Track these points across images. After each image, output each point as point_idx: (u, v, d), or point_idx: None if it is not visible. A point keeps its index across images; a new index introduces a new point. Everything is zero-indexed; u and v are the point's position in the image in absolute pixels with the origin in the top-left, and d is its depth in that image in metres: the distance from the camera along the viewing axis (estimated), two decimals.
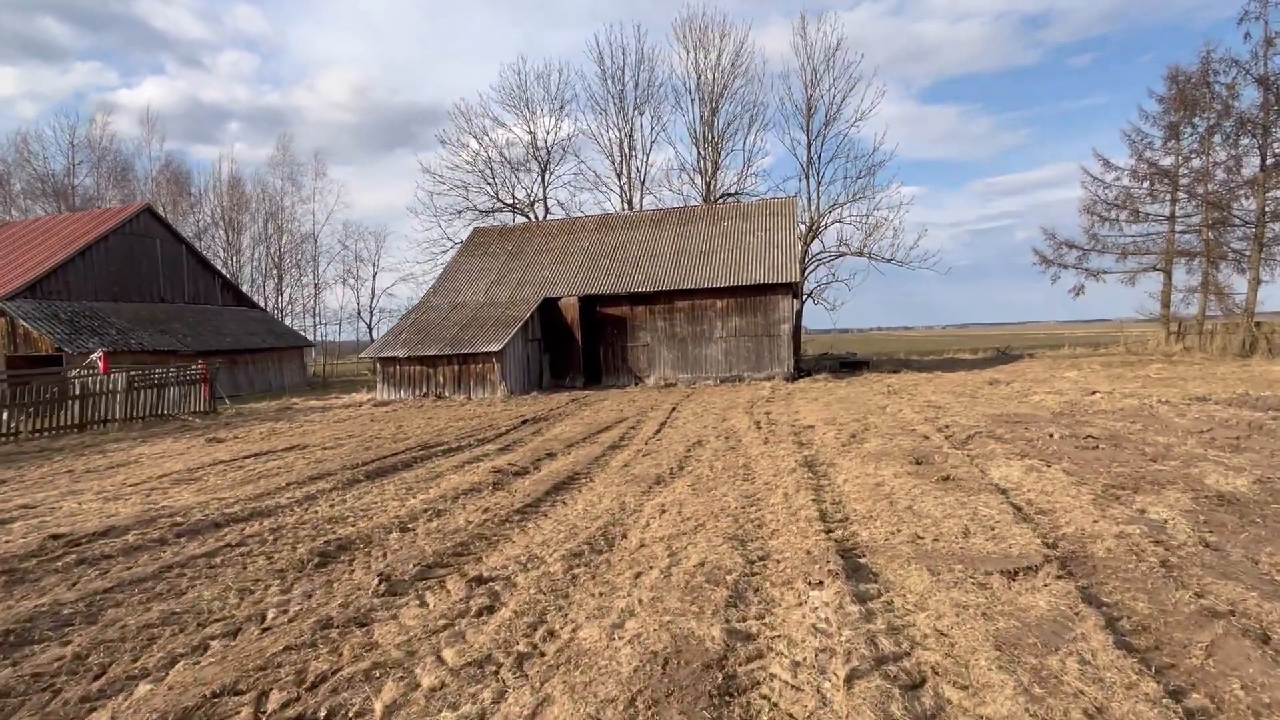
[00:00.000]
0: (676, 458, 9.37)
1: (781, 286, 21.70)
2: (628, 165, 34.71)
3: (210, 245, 40.49)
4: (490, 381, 20.63)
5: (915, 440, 9.86)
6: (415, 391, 21.35)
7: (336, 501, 7.83)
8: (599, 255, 25.07)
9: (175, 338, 24.04)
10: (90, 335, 21.52)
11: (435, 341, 21.48)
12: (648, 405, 16.84)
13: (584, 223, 27.63)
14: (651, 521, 6.25)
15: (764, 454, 9.31)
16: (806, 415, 13.34)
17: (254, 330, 27.86)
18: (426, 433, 13.26)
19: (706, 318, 22.45)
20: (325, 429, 14.71)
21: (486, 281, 25.21)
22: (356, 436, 13.23)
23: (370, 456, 10.59)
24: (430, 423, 15.02)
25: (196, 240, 40.31)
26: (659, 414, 14.82)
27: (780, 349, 21.80)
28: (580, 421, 14.20)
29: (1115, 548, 5.01)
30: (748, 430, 11.65)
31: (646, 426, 12.95)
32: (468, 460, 10.06)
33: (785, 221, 24.23)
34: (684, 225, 25.54)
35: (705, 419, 13.66)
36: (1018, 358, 28.96)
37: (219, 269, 30.74)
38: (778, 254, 22.68)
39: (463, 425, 14.27)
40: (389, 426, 14.59)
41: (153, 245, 25.70)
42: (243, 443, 13.09)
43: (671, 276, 23.00)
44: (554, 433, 12.72)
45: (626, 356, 23.18)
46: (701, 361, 22.49)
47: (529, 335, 22.39)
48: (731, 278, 22.19)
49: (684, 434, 11.72)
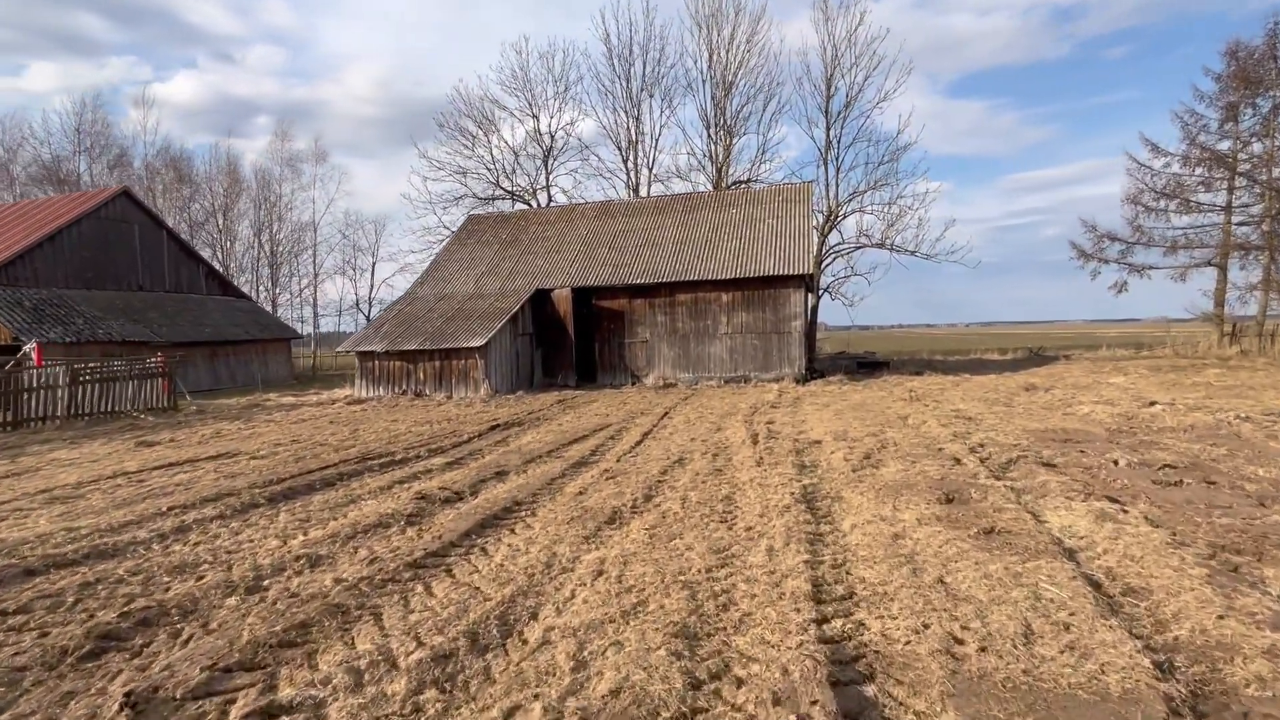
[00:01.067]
0: (646, 483, 7.63)
1: (794, 279, 19.79)
2: (634, 152, 32.88)
3: (209, 234, 39.52)
4: (473, 379, 19.05)
5: (944, 465, 8.01)
6: (395, 388, 19.85)
7: (209, 537, 6.24)
8: (597, 244, 23.34)
9: (149, 328, 22.82)
10: (55, 324, 20.34)
11: (416, 335, 19.94)
12: (638, 409, 15.11)
13: (583, 209, 25.90)
14: (578, 591, 4.53)
15: (755, 480, 7.54)
16: (814, 426, 11.51)
17: (238, 321, 26.62)
18: (378, 440, 11.68)
19: (710, 312, 20.63)
20: (275, 432, 13.22)
21: (477, 271, 23.62)
22: (300, 442, 11.70)
23: (294, 471, 9.02)
24: (391, 426, 13.46)
25: (196, 230, 39.42)
26: (646, 421, 13.08)
27: (791, 347, 19.90)
28: (556, 428, 12.52)
29: (1268, 674, 3.18)
30: (742, 445, 9.87)
31: (627, 437, 11.23)
32: (402, 479, 8.43)
33: (800, 208, 22.26)
34: (689, 212, 23.69)
35: (697, 428, 11.90)
36: (1052, 359, 26.70)
37: (207, 258, 29.58)
38: (790, 244, 20.76)
39: (424, 431, 12.68)
40: (343, 431, 13.05)
41: (130, 231, 24.51)
42: (172, 448, 11.62)
43: (673, 267, 21.20)
44: (521, 442, 11.05)
45: (624, 353, 21.45)
46: (704, 360, 20.69)
47: (519, 329, 20.76)
48: (739, 269, 20.33)
49: (666, 448, 9.97)
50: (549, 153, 34.42)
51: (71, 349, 20.01)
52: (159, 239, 25.64)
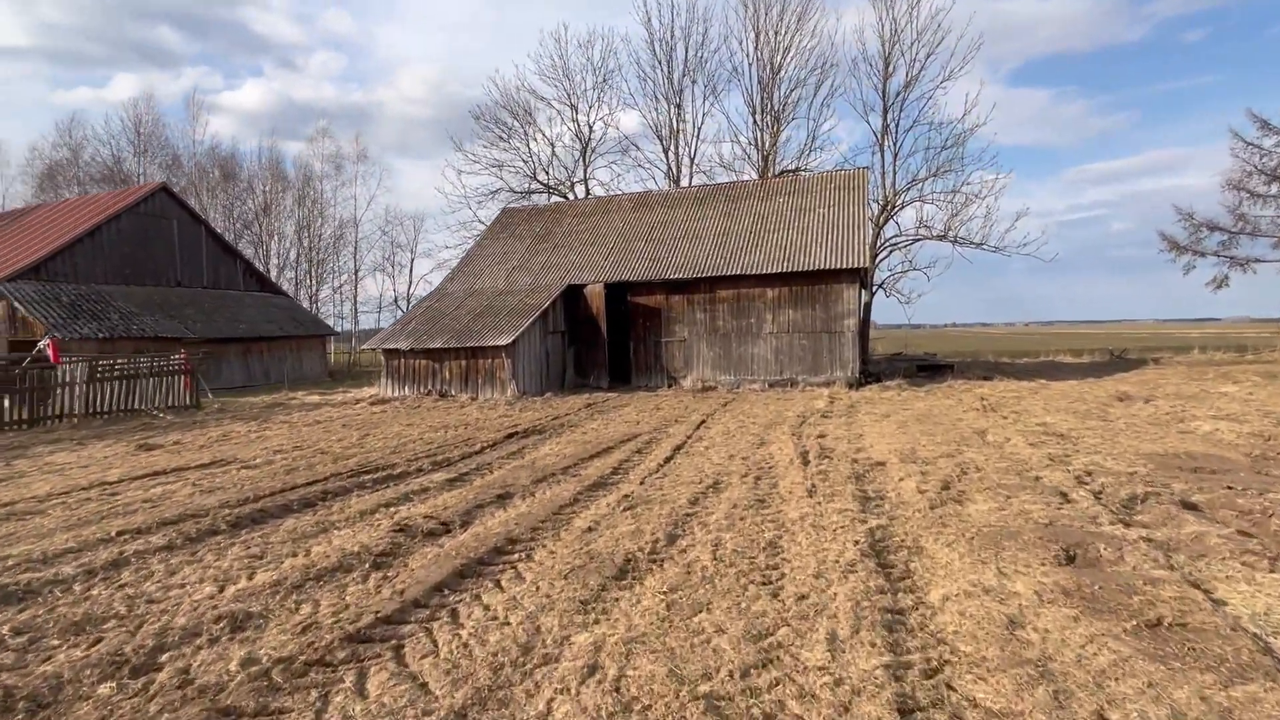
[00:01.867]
0: (671, 517, 6.25)
1: (847, 273, 18.01)
2: (675, 142, 31.39)
3: (254, 233, 39.98)
4: (499, 380, 18.00)
5: (1048, 501, 6.36)
6: (419, 388, 19.00)
7: (140, 576, 5.19)
8: (633, 237, 22.01)
9: (184, 324, 22.69)
10: (89, 320, 20.30)
11: (442, 333, 19.03)
12: (673, 415, 13.72)
13: (619, 201, 24.60)
14: (557, 704, 3.19)
15: (807, 519, 6.06)
16: (875, 443, 9.89)
17: (273, 317, 26.42)
18: (384, 448, 10.65)
19: (754, 309, 19.03)
20: (282, 436, 12.38)
21: (509, 266, 22.62)
22: (302, 449, 10.77)
23: (278, 486, 8.02)
24: (404, 431, 12.45)
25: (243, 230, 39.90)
26: (680, 431, 11.67)
27: (843, 348, 18.13)
28: (579, 438, 11.25)
29: None
30: (789, 466, 8.37)
31: (657, 451, 9.85)
32: (390, 500, 7.29)
33: (854, 196, 20.40)
34: (733, 202, 22.10)
35: (737, 442, 10.43)
36: (1139, 363, 23.99)
37: (250, 255, 29.58)
38: (844, 234, 18.96)
39: (436, 438, 11.60)
40: (352, 436, 12.10)
41: (168, 226, 24.51)
42: (170, 453, 10.86)
43: (714, 261, 19.68)
44: (536, 455, 9.82)
45: (660, 353, 20.07)
46: (747, 361, 19.11)
47: (549, 327, 19.63)
48: (786, 262, 18.66)
49: (700, 468, 8.55)
50: (587, 145, 33.30)
51: (104, 345, 19.91)
52: (197, 234, 25.62)
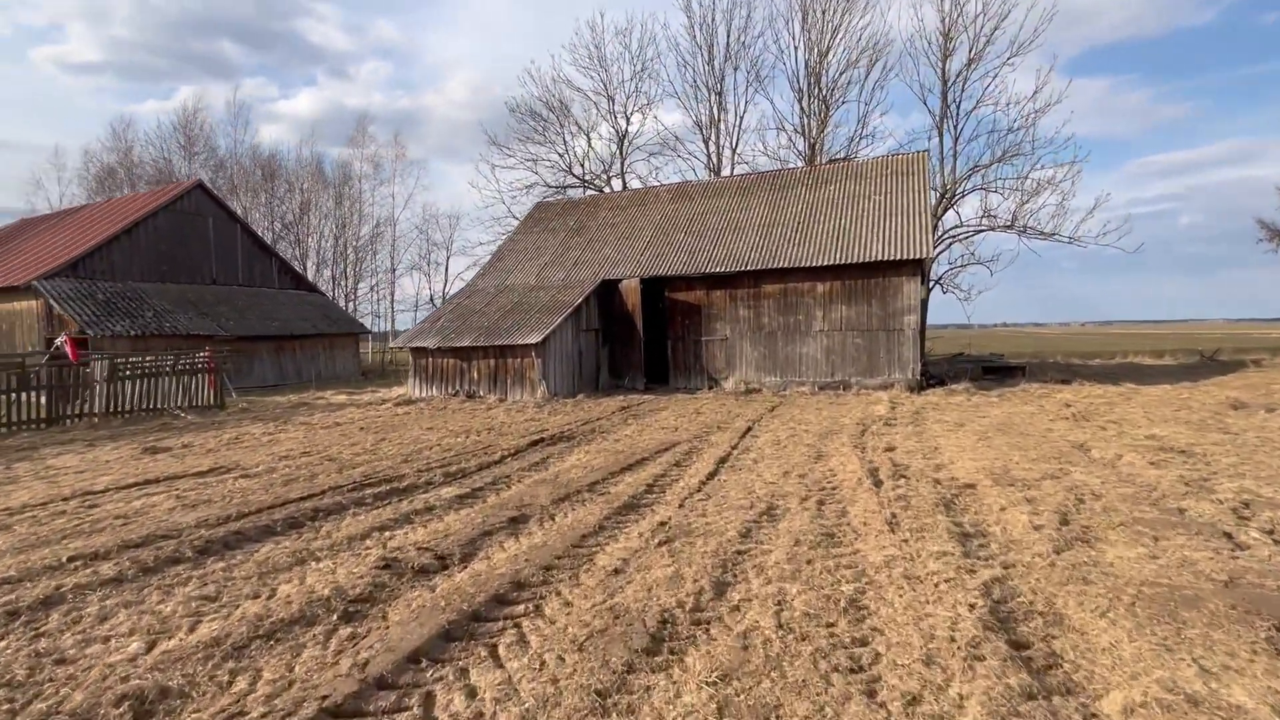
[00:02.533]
0: (718, 557, 5.00)
1: (907, 265, 16.37)
2: (716, 131, 29.98)
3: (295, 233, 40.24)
4: (529, 380, 16.99)
5: (1213, 546, 4.87)
6: (447, 388, 18.16)
7: (67, 622, 4.25)
8: (672, 229, 20.75)
9: (217, 321, 22.47)
10: (123, 317, 20.18)
11: (471, 331, 18.15)
12: (715, 421, 12.43)
13: (657, 192, 23.37)
14: None
15: (894, 565, 4.73)
16: (955, 458, 8.41)
17: (306, 315, 26.13)
18: (397, 456, 9.68)
19: (803, 305, 17.54)
20: (295, 439, 11.58)
21: (541, 262, 21.64)
22: (311, 455, 9.90)
23: (269, 500, 7.09)
24: (424, 436, 11.50)
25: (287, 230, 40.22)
26: (724, 439, 10.38)
27: (903, 348, 16.49)
28: (611, 446, 10.07)
29: None
30: (858, 487, 7.00)
31: (698, 464, 8.59)
32: (386, 523, 6.24)
33: (913, 182, 18.69)
34: (778, 191, 20.62)
35: (790, 454, 9.08)
36: (1236, 365, 21.52)
37: (289, 255, 29.46)
38: (903, 223, 17.31)
39: (455, 444, 10.60)
40: (367, 440, 11.20)
41: (204, 224, 24.41)
42: (174, 458, 10.13)
43: (759, 253, 18.27)
44: (562, 467, 8.68)
45: (700, 353, 18.77)
46: (794, 362, 17.64)
47: (581, 324, 18.55)
48: (838, 254, 17.13)
49: (749, 487, 7.26)
50: (624, 137, 32.18)
51: (137, 342, 19.73)
52: (232, 232, 25.50)
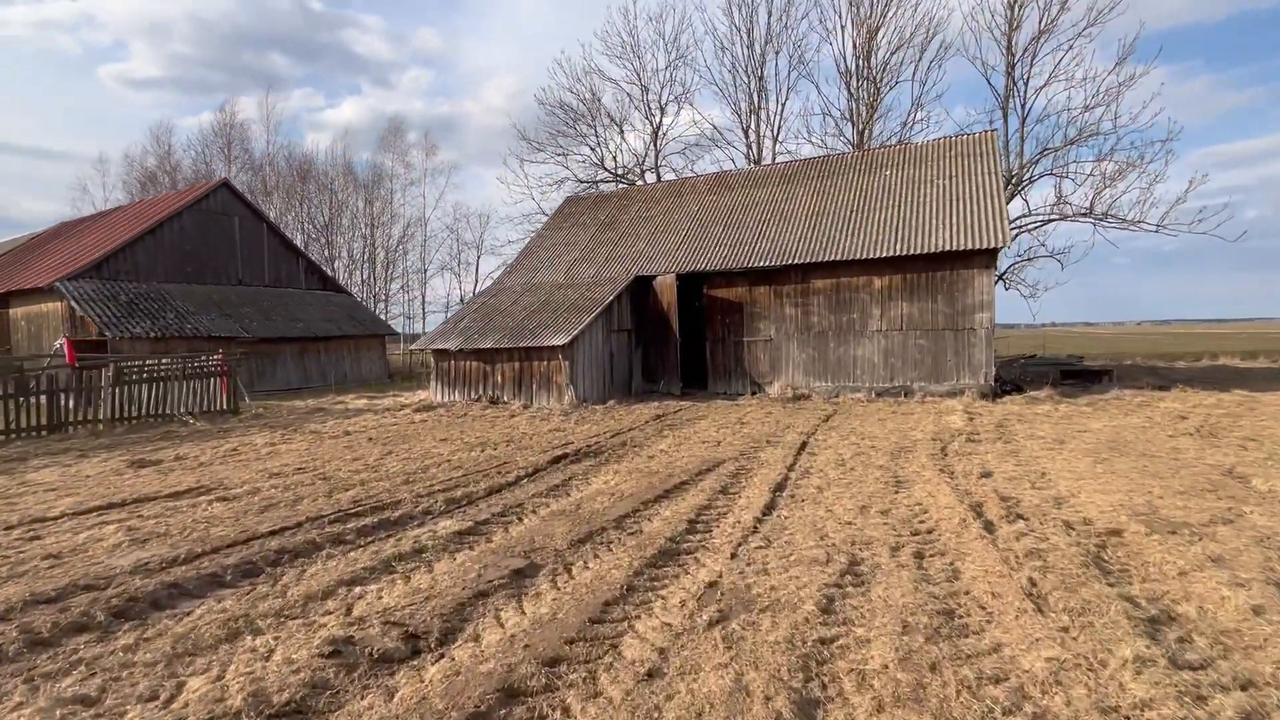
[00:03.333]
0: (798, 652, 3.51)
1: (979, 255, 14.51)
2: (756, 120, 28.31)
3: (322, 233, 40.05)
4: (556, 385, 15.69)
5: None
6: (469, 393, 17.01)
7: None
8: (710, 221, 19.23)
9: (240, 323, 21.88)
10: (144, 318, 19.67)
11: (494, 331, 16.96)
12: (762, 433, 10.88)
13: (694, 183, 21.87)
14: None
15: (1064, 677, 3.17)
16: (1073, 486, 6.71)
17: (332, 316, 25.47)
18: (399, 474, 8.45)
19: (857, 302, 15.82)
20: (296, 452, 10.49)
21: (570, 258, 20.38)
22: (305, 472, 8.76)
23: (233, 535, 5.89)
24: (434, 449, 10.28)
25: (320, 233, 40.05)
26: (776, 457, 8.84)
27: (974, 349, 14.63)
28: (643, 466, 8.65)
29: None
30: (962, 530, 5.42)
31: (749, 493, 7.09)
32: (357, 574, 4.95)
33: (982, 164, 16.77)
34: (827, 179, 18.90)
35: (862, 480, 7.50)
36: None
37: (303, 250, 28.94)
38: (972, 209, 15.43)
39: (468, 459, 9.33)
40: (372, 454, 10.02)
41: (230, 224, 23.93)
42: (158, 473, 9.11)
43: (807, 245, 16.60)
44: (585, 493, 7.29)
45: (741, 355, 17.20)
46: (847, 365, 15.92)
47: (612, 325, 17.18)
48: (898, 244, 15.35)
49: (820, 527, 5.74)
50: (658, 129, 30.78)
51: (157, 344, 19.18)
52: (259, 232, 24.99)
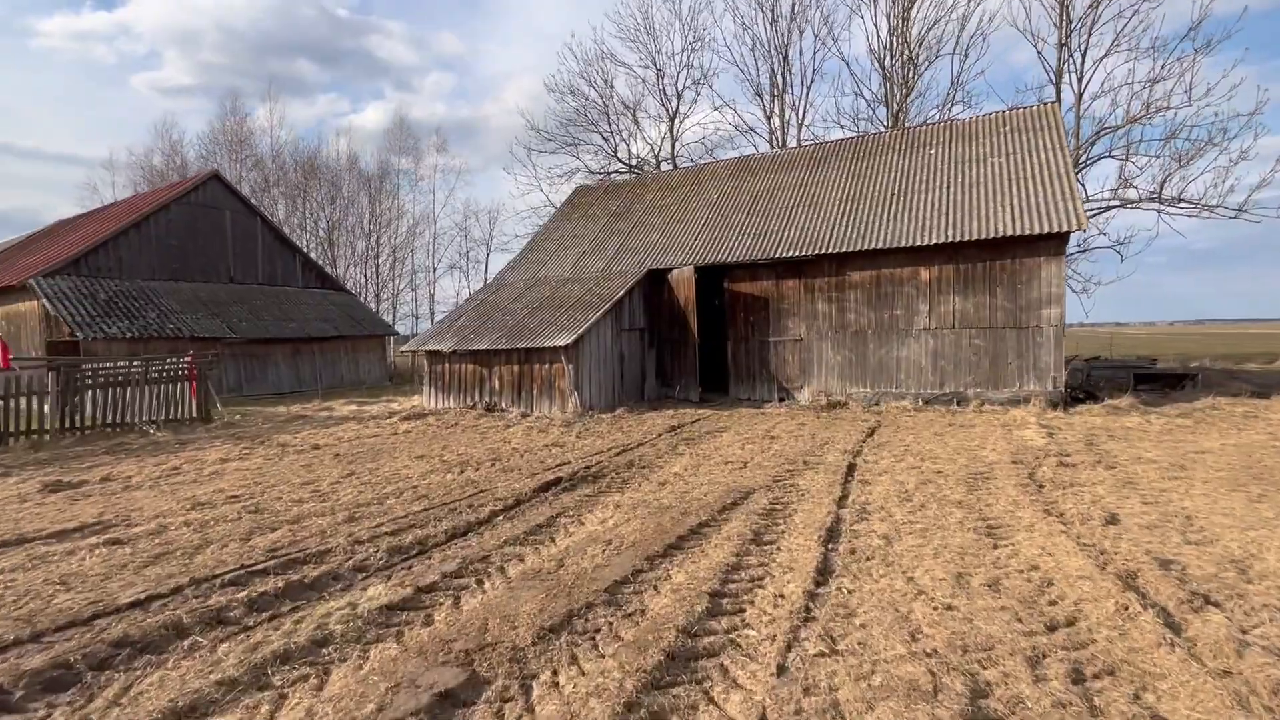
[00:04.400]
0: None
1: (1047, 241, 12.52)
2: (780, 103, 26.40)
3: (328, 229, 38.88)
4: (558, 390, 13.99)
5: None
6: (464, 399, 15.37)
7: None
8: (732, 209, 17.41)
9: (228, 322, 20.54)
10: (122, 318, 18.37)
11: (492, 330, 15.31)
12: (797, 451, 9.05)
13: (713, 169, 20.05)
14: None
15: None
16: (1249, 540, 4.81)
17: (329, 316, 24.08)
18: (350, 505, 6.79)
19: (901, 296, 13.90)
20: (253, 469, 8.90)
21: (578, 251, 18.69)
22: (239, 501, 7.15)
23: (75, 609, 4.29)
24: (403, 471, 8.61)
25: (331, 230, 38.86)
26: (819, 485, 7.00)
27: (1040, 350, 12.63)
28: (653, 498, 6.88)
29: None
30: (1122, 617, 3.57)
31: (792, 537, 5.29)
32: (211, 690, 3.23)
33: (1044, 138, 14.74)
34: (861, 160, 16.98)
35: (940, 522, 5.65)
36: None
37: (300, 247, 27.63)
38: (1037, 189, 13.43)
39: (439, 485, 7.64)
40: (330, 475, 8.39)
41: (221, 218, 22.64)
42: (70, 499, 7.56)
43: (841, 233, 14.71)
44: (575, 539, 5.56)
45: (767, 356, 15.35)
46: (890, 368, 14.00)
47: (623, 323, 15.44)
48: (949, 229, 13.41)
49: (906, 616, 3.92)
50: (674, 115, 29.00)
51: (134, 345, 17.86)
52: (252, 227, 23.68)
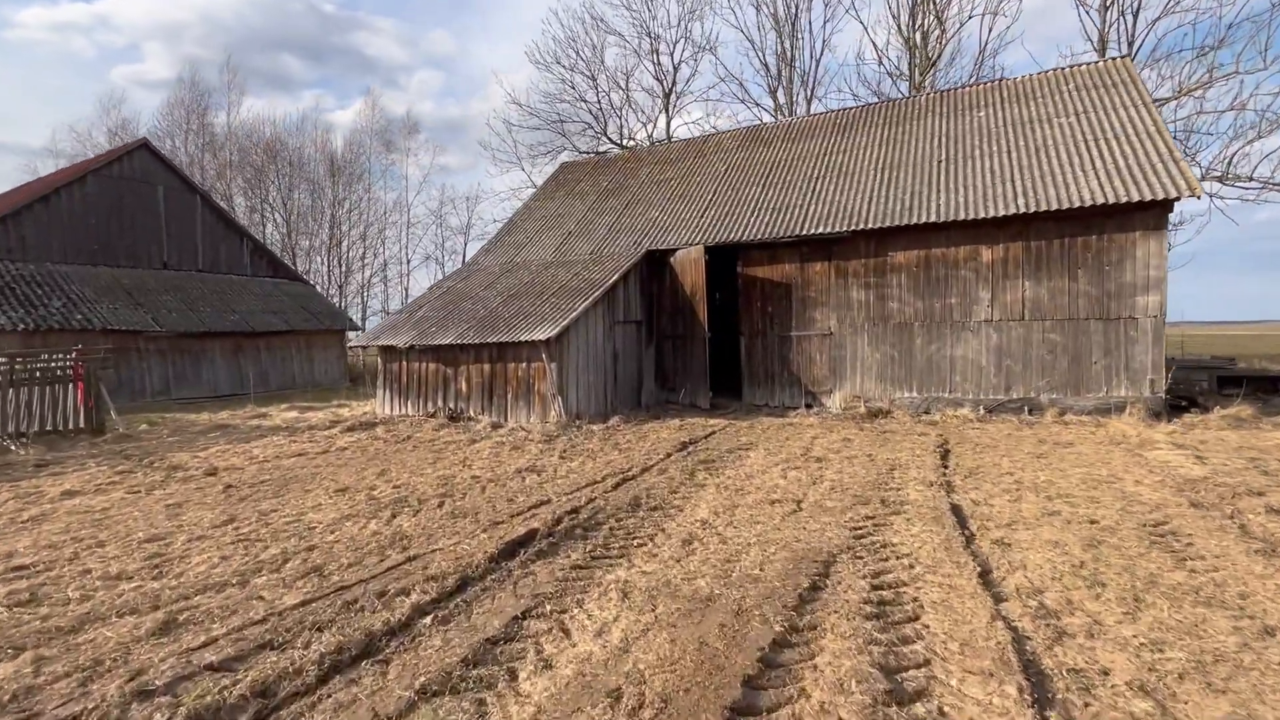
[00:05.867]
0: None
1: (1144, 212, 10.19)
2: (790, 73, 23.99)
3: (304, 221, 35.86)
4: (538, 394, 11.41)
5: None
6: (424, 405, 12.72)
7: None
8: (743, 182, 14.93)
9: (154, 314, 17.65)
10: (16, 307, 15.43)
11: (459, 323, 12.68)
12: (861, 482, 6.58)
13: (719, 140, 17.56)
14: None
15: None
16: None
17: (279, 307, 21.24)
18: (200, 583, 4.21)
19: (957, 281, 11.51)
20: (99, 512, 6.26)
21: (562, 231, 16.10)
22: (22, 578, 4.49)
23: None
24: (315, 514, 6.01)
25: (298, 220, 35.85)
26: (929, 548, 4.52)
27: (1136, 347, 10.30)
28: (684, 575, 4.36)
29: None
30: None
31: (954, 682, 2.75)
32: None
33: (1120, 95, 12.44)
34: (895, 125, 14.58)
35: (1195, 627, 3.15)
36: None
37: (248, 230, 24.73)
38: (1123, 150, 11.09)
39: (348, 544, 5.06)
40: (206, 518, 5.77)
41: (152, 194, 19.70)
42: None
43: (880, 206, 12.28)
44: (558, 683, 2.99)
45: (789, 354, 12.90)
46: (941, 369, 11.60)
47: (616, 314, 12.89)
48: (1018, 198, 11.02)
49: None
50: (670, 90, 26.48)
51: (29, 338, 14.94)
52: (190, 206, 20.74)
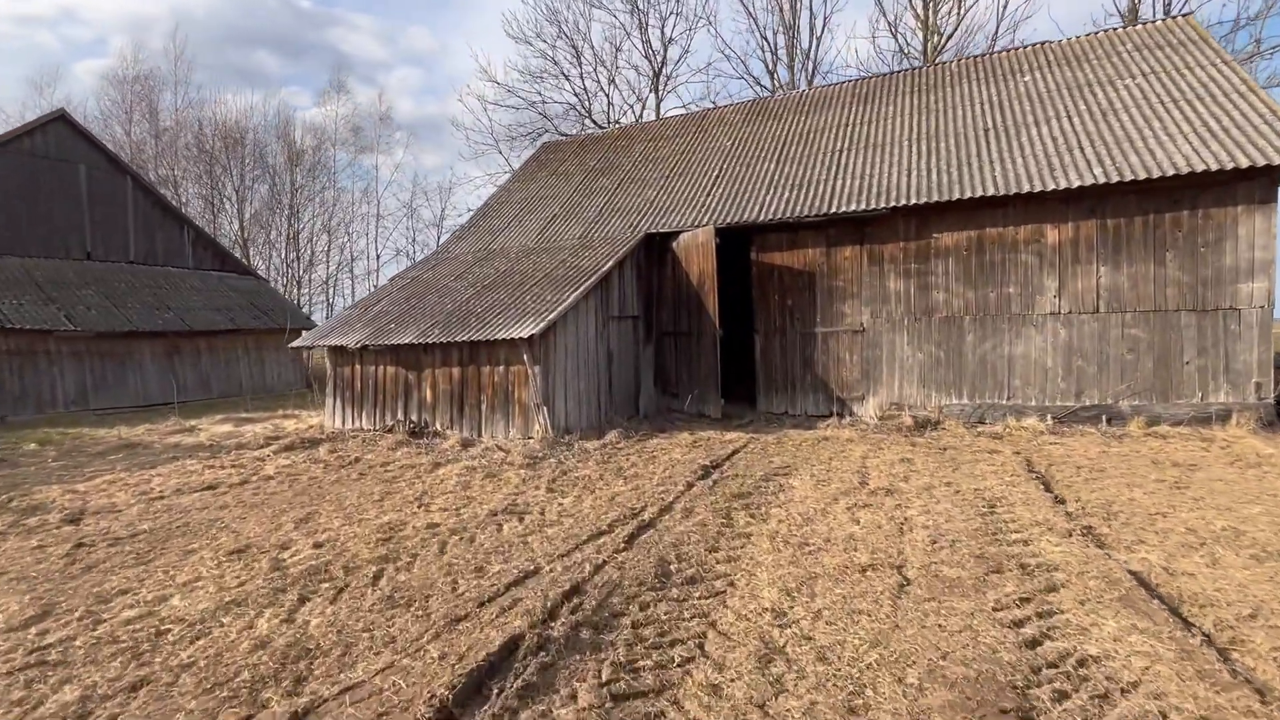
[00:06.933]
0: None
1: (1248, 180, 8.52)
2: (791, 47, 22.22)
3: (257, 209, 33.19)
4: (518, 403, 9.40)
5: None
6: (381, 416, 10.62)
7: None
8: (753, 158, 13.07)
9: (68, 310, 15.24)
10: None
11: (423, 318, 10.60)
12: (961, 529, 4.73)
13: (721, 114, 15.67)
14: None
15: None
16: None
17: (223, 304, 18.89)
18: None
19: (1016, 267, 9.76)
20: None
21: (546, 215, 14.10)
22: None
23: None
24: (184, 598, 3.96)
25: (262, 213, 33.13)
26: (1135, 669, 2.63)
27: (1238, 344, 8.64)
28: None
29: None
30: None
31: None
32: None
33: (1191, 54, 10.81)
34: (926, 93, 12.85)
35: None
36: None
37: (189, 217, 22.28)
38: (1213, 110, 9.41)
39: (206, 679, 3.00)
40: (12, 606, 3.65)
41: (72, 174, 17.25)
42: None
43: (920, 179, 10.49)
44: None
45: (812, 354, 11.06)
46: (998, 371, 9.84)
47: (611, 308, 10.93)
48: (1093, 167, 9.29)
49: None
50: (660, 70, 24.57)
51: None
52: (119, 189, 18.29)
